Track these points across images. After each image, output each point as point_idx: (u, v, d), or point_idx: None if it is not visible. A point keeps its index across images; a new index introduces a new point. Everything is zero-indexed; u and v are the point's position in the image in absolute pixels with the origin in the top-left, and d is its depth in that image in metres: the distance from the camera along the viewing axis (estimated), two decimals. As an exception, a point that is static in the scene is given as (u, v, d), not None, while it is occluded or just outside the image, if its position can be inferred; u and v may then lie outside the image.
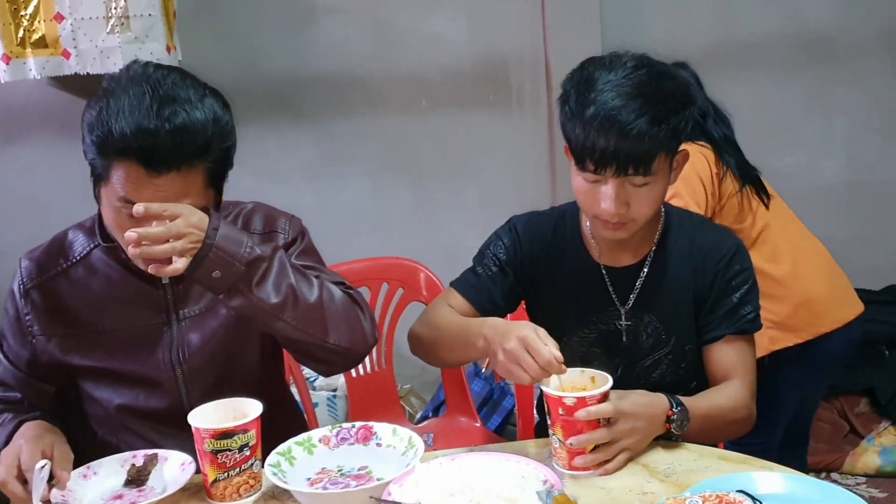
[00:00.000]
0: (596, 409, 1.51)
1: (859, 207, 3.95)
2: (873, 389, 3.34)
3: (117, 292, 1.73)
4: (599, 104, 1.61)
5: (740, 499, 1.31)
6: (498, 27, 3.57)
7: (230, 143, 1.62)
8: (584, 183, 1.69)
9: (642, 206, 1.68)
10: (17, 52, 2.93)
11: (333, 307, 1.68)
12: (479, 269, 1.90)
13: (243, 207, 1.85)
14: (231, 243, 1.53)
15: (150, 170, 1.50)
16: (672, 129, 1.63)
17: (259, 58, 3.46)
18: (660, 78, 1.67)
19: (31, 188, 3.37)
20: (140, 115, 1.48)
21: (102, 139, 1.50)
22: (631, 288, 1.82)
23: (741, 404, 1.72)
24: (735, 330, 1.76)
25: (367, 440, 1.65)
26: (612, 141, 1.60)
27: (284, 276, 1.61)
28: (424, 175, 3.67)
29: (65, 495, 1.52)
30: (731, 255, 1.78)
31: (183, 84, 1.56)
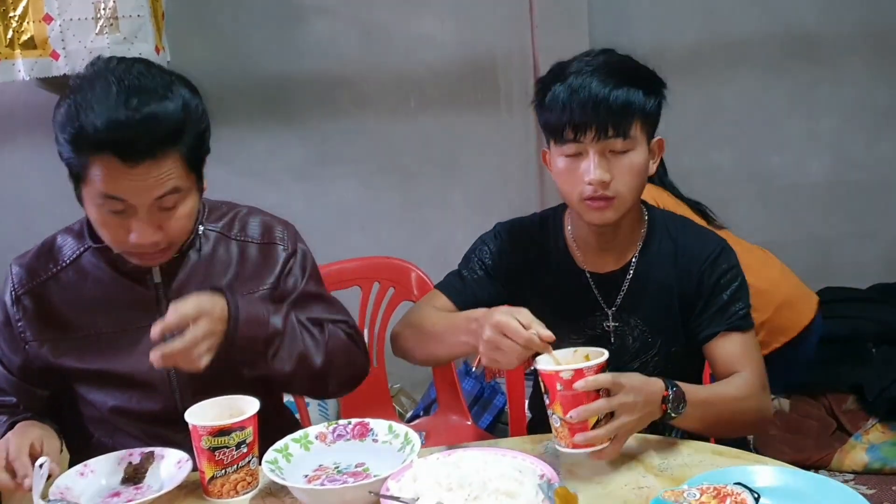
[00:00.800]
0: (594, 378, 1.49)
1: (845, 206, 3.98)
2: (861, 386, 3.35)
3: (108, 294, 1.73)
4: (571, 78, 1.68)
5: (738, 490, 1.32)
6: (486, 27, 3.57)
7: (203, 126, 1.63)
8: (566, 161, 1.71)
9: (625, 177, 1.70)
10: (5, 53, 2.92)
11: (337, 360, 1.76)
12: (465, 272, 1.91)
13: (239, 211, 1.86)
14: (253, 327, 1.62)
15: (126, 160, 1.50)
16: (644, 90, 1.69)
17: (247, 59, 3.46)
18: (629, 59, 1.75)
19: (18, 190, 3.35)
20: (109, 108, 1.48)
21: (75, 135, 1.50)
22: (616, 292, 1.84)
23: (747, 393, 1.70)
24: (728, 326, 1.76)
25: (364, 436, 1.65)
26: (589, 104, 1.64)
27: (296, 345, 1.70)
28: (413, 175, 3.68)
29: (63, 493, 1.52)
30: (715, 256, 1.80)
31: (148, 73, 1.57)
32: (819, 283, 3.81)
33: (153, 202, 1.56)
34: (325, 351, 1.74)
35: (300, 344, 1.71)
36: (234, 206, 1.87)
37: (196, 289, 1.73)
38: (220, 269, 1.78)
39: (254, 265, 1.80)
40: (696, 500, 1.32)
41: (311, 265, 1.87)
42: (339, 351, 1.78)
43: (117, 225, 1.58)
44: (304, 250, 1.86)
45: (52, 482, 1.52)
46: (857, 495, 1.36)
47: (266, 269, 1.81)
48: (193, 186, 1.64)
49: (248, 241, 1.82)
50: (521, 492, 1.40)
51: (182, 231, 1.65)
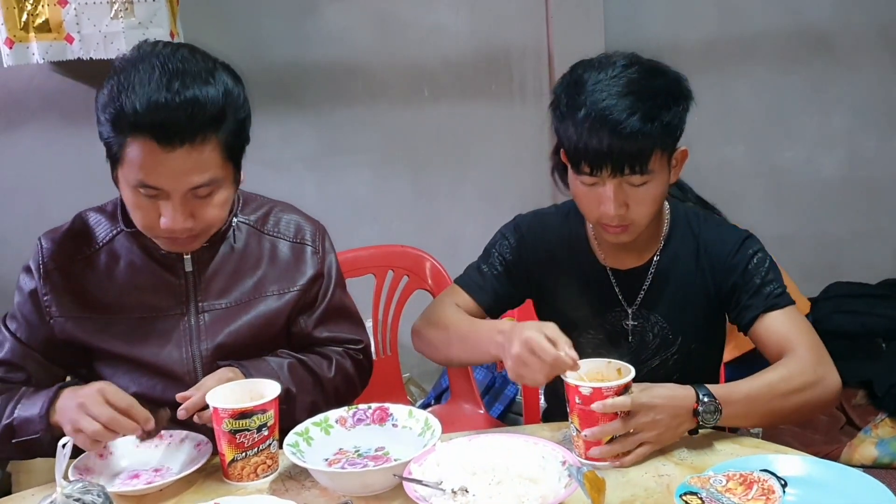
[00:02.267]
0: (612, 402, 1.49)
1: (857, 202, 3.98)
2: (870, 381, 3.36)
3: (138, 279, 1.72)
4: (590, 105, 1.60)
5: (765, 477, 1.32)
6: (501, 18, 3.57)
7: (244, 115, 1.62)
8: (582, 187, 1.67)
9: (642, 207, 1.67)
10: (20, 36, 2.92)
11: (341, 394, 1.81)
12: (485, 267, 1.89)
13: (274, 206, 1.87)
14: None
15: (164, 144, 1.49)
16: (665, 125, 1.61)
17: (261, 46, 3.45)
18: (650, 75, 1.65)
19: (30, 174, 3.35)
20: (151, 90, 1.48)
21: (115, 116, 1.50)
22: (638, 289, 1.82)
23: (796, 371, 1.61)
24: (766, 307, 1.71)
25: (384, 421, 1.65)
26: (606, 141, 1.58)
27: (306, 395, 1.73)
28: (425, 165, 3.67)
29: (83, 474, 1.52)
30: (738, 245, 1.77)
31: (192, 58, 1.56)
32: (829, 278, 3.82)
33: (188, 190, 1.56)
34: (333, 390, 1.79)
35: (311, 394, 1.74)
36: (270, 201, 1.87)
37: (226, 282, 1.75)
38: (251, 264, 1.78)
39: (285, 264, 1.80)
40: (722, 486, 1.32)
41: (337, 274, 1.88)
42: (343, 384, 1.82)
43: (149, 208, 1.57)
44: (332, 260, 1.87)
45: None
46: (879, 484, 1.37)
47: (297, 272, 1.81)
48: (230, 176, 1.63)
49: (280, 237, 1.82)
50: (543, 477, 1.41)
51: (215, 220, 1.64)
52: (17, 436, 1.59)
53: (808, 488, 1.37)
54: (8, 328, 1.74)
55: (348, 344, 1.87)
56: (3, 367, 1.72)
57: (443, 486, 1.38)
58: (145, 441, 1.60)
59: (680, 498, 1.29)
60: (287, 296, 1.79)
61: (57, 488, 1.32)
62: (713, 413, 1.54)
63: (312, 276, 1.82)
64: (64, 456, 1.33)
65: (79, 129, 3.16)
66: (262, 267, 1.78)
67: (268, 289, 1.78)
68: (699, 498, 1.29)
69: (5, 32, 2.90)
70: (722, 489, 1.31)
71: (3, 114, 3.29)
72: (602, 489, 1.26)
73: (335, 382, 1.79)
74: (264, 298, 1.77)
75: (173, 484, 1.53)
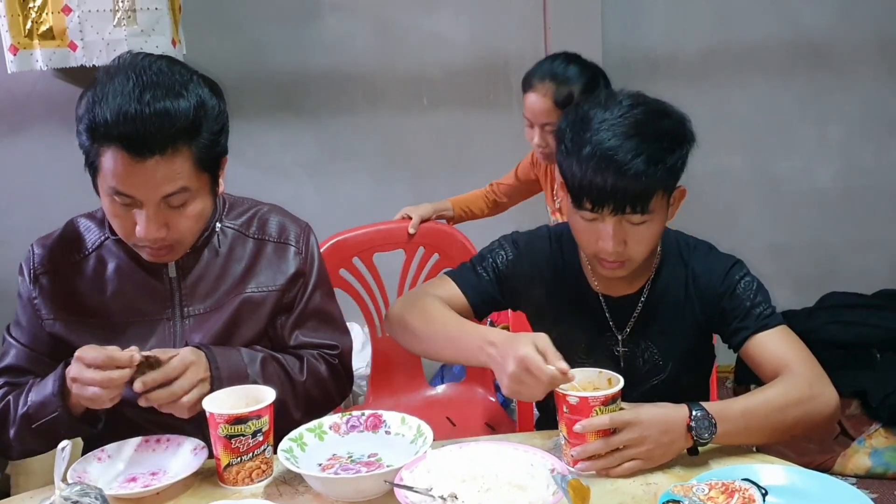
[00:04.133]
0: (589, 422, 1.51)
1: (853, 212, 4.00)
2: (864, 392, 3.37)
3: (125, 283, 1.74)
4: (595, 143, 1.61)
5: (745, 486, 1.35)
6: (499, 27, 3.60)
7: (219, 127, 1.63)
8: (582, 221, 1.68)
9: (640, 245, 1.68)
10: (24, 43, 2.96)
11: (312, 399, 1.79)
12: (480, 269, 1.89)
13: (260, 209, 1.87)
14: (234, 381, 1.65)
15: (134, 154, 1.52)
16: (668, 167, 1.63)
17: (262, 53, 3.49)
18: (656, 116, 1.66)
19: (33, 179, 3.38)
20: (122, 100, 1.50)
21: (89, 125, 1.53)
22: (629, 316, 1.82)
23: (791, 386, 1.61)
24: (757, 327, 1.72)
25: (377, 428, 1.67)
26: (609, 180, 1.59)
27: (276, 392, 1.68)
28: (424, 172, 3.70)
29: (81, 477, 1.54)
30: (726, 272, 1.77)
31: (169, 70, 1.58)
32: (825, 288, 3.84)
33: (160, 199, 1.58)
34: (303, 393, 1.77)
35: (279, 392, 1.70)
36: (256, 204, 1.88)
37: (210, 286, 1.77)
38: (235, 268, 1.79)
39: (267, 263, 1.81)
40: (704, 494, 1.34)
41: (318, 276, 1.87)
42: (316, 388, 1.80)
43: (125, 216, 1.60)
44: (315, 261, 1.87)
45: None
46: (862, 495, 1.38)
47: (278, 271, 1.82)
48: (205, 187, 1.65)
49: (266, 239, 1.83)
50: (532, 485, 1.43)
51: (189, 231, 1.66)
52: (34, 420, 1.61)
53: (790, 497, 1.40)
54: (12, 335, 1.78)
55: (324, 349, 1.86)
56: (12, 372, 1.75)
57: (433, 493, 1.40)
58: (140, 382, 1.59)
59: (663, 506, 1.32)
60: (266, 294, 1.79)
61: (55, 491, 1.34)
62: (707, 428, 1.54)
63: (293, 275, 1.82)
64: (62, 459, 1.35)
65: (81, 134, 3.19)
66: (245, 269, 1.79)
67: (247, 286, 1.78)
68: (682, 506, 1.31)
69: (10, 39, 2.95)
70: (704, 497, 1.34)
71: (7, 119, 3.34)
72: (587, 498, 1.28)
73: (306, 385, 1.78)
74: (244, 296, 1.77)
75: (170, 487, 1.55)
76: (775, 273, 3.54)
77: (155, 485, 1.55)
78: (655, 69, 3.67)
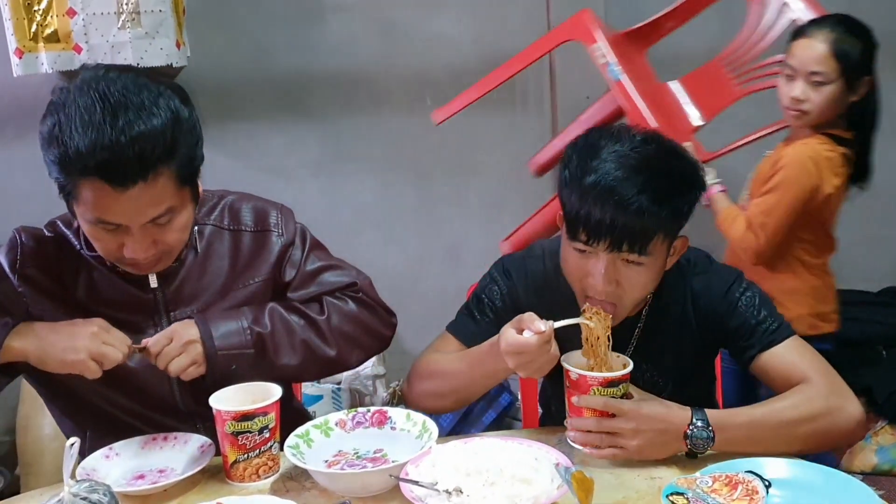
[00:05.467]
0: (585, 399, 1.55)
1: (858, 210, 3.97)
2: (870, 389, 3.37)
3: (109, 295, 1.70)
4: (601, 173, 1.54)
5: (749, 478, 1.35)
6: (503, 26, 3.60)
7: (195, 139, 1.57)
8: (574, 253, 1.62)
9: (633, 289, 1.62)
10: (29, 46, 2.97)
11: (348, 332, 1.76)
12: (478, 314, 1.83)
13: (226, 199, 1.82)
14: (229, 336, 1.64)
15: (116, 185, 1.45)
16: (674, 210, 1.57)
17: (266, 55, 3.50)
18: (668, 155, 1.60)
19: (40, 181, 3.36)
20: (94, 130, 1.42)
21: (61, 158, 1.45)
22: (628, 340, 1.77)
23: (805, 399, 1.57)
24: (764, 344, 1.67)
25: (382, 424, 1.68)
26: (609, 213, 1.52)
27: (293, 334, 1.70)
28: (428, 173, 3.71)
29: (90, 474, 1.56)
30: (727, 288, 1.72)
31: (135, 88, 1.50)
32: (830, 285, 3.83)
33: (147, 222, 1.53)
34: (330, 330, 1.73)
35: (298, 333, 1.70)
36: (224, 195, 1.83)
37: (193, 287, 1.73)
38: (216, 265, 1.76)
39: (248, 255, 1.78)
40: (708, 487, 1.35)
41: (309, 242, 1.84)
42: (347, 324, 1.76)
43: (110, 240, 1.56)
44: (298, 232, 1.83)
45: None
46: (866, 488, 1.39)
47: (260, 259, 1.78)
48: (188, 199, 1.60)
49: (242, 230, 1.79)
50: (536, 478, 1.44)
51: (177, 242, 1.63)
52: None
53: (793, 490, 1.40)
54: None
55: (344, 290, 1.80)
56: None
57: (438, 487, 1.41)
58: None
59: (666, 498, 1.33)
60: (253, 287, 1.77)
61: (64, 487, 1.35)
62: (705, 441, 1.53)
63: (278, 256, 1.79)
64: (71, 456, 1.36)
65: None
66: (227, 264, 1.76)
67: (235, 284, 1.75)
68: (685, 498, 1.32)
69: (15, 42, 2.95)
70: (707, 490, 1.34)
71: (13, 122, 3.35)
72: (590, 490, 1.29)
73: (331, 323, 1.74)
74: (232, 294, 1.75)
75: (177, 484, 1.56)
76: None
77: (162, 482, 1.56)
78: (660, 68, 3.65)
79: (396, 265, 3.70)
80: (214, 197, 1.82)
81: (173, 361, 1.60)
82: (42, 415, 3.08)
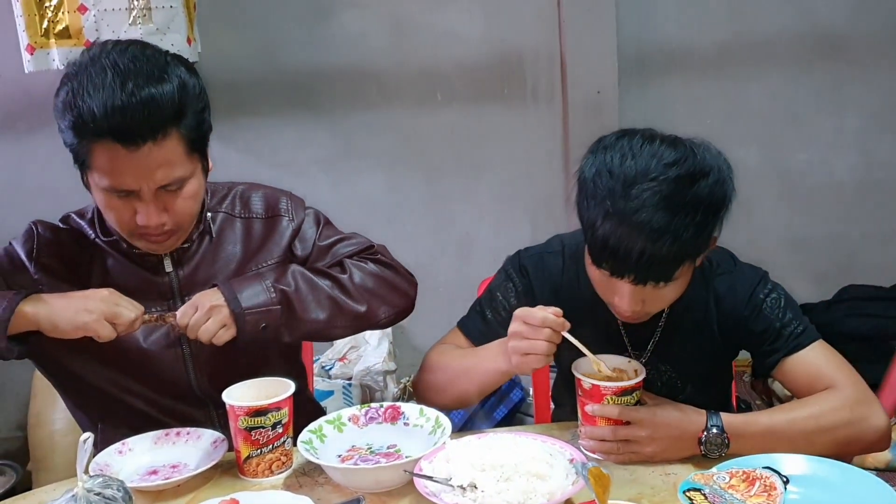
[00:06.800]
0: (600, 408, 1.54)
1: (871, 205, 3.97)
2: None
3: (124, 282, 1.71)
4: (622, 212, 1.46)
5: (767, 474, 1.34)
6: (513, 22, 3.59)
7: (202, 105, 1.63)
8: (598, 274, 1.58)
9: (659, 304, 1.61)
10: (41, 42, 2.97)
11: (372, 289, 1.77)
12: (489, 313, 1.81)
13: (236, 188, 1.86)
14: (254, 296, 1.64)
15: (127, 145, 1.51)
16: (700, 239, 1.51)
17: (277, 50, 3.50)
18: (692, 179, 1.48)
19: (52, 177, 3.38)
20: (106, 94, 1.49)
21: (75, 122, 1.51)
22: (647, 340, 1.76)
23: (828, 408, 1.54)
24: (789, 349, 1.64)
25: (395, 419, 1.68)
26: (634, 255, 1.47)
27: (318, 290, 1.71)
28: (438, 168, 3.70)
29: (103, 469, 1.56)
30: (751, 291, 1.69)
31: (143, 56, 1.57)
32: (843, 281, 3.82)
33: (158, 187, 1.57)
34: (355, 288, 1.75)
35: (324, 289, 1.72)
36: (233, 185, 1.88)
37: (207, 272, 1.76)
38: (229, 249, 1.79)
39: (259, 240, 1.81)
40: (725, 483, 1.34)
41: (320, 222, 1.87)
42: (372, 281, 1.78)
43: (122, 207, 1.60)
44: (309, 215, 1.87)
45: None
46: (884, 484, 1.38)
47: (272, 242, 1.82)
48: (197, 167, 1.65)
49: (253, 217, 1.83)
50: (551, 474, 1.44)
51: (188, 213, 1.66)
52: None
53: (811, 487, 1.39)
54: None
55: (361, 254, 1.84)
56: None
57: (452, 483, 1.41)
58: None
59: (683, 494, 1.32)
60: (266, 267, 1.79)
61: (78, 482, 1.35)
62: (719, 446, 1.52)
63: (290, 239, 1.83)
64: (84, 451, 1.36)
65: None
66: (239, 249, 1.80)
67: (247, 268, 1.78)
68: (702, 494, 1.31)
69: (27, 39, 2.96)
70: (725, 485, 1.34)
71: (25, 118, 3.36)
72: (607, 486, 1.28)
73: (354, 280, 1.76)
74: None
75: (190, 480, 1.56)
76: (792, 267, 3.54)
77: (175, 477, 1.56)
78: (670, 63, 3.66)
79: (407, 260, 3.66)
80: (224, 187, 1.86)
81: (202, 328, 1.60)
82: (53, 410, 3.09)
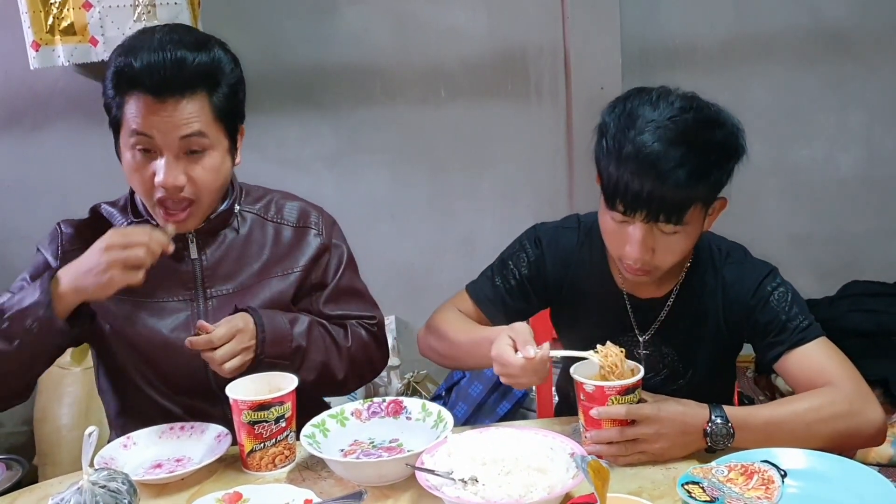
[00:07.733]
0: (605, 410, 1.52)
1: (874, 200, 3.96)
2: (886, 380, 3.35)
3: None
4: (638, 144, 1.53)
5: (765, 468, 1.35)
6: (517, 18, 3.59)
7: (235, 80, 1.72)
8: (612, 222, 1.62)
9: (668, 255, 1.63)
10: (46, 39, 2.99)
11: (357, 362, 1.87)
12: (498, 280, 1.86)
13: (274, 195, 1.92)
14: (277, 344, 1.72)
15: (156, 96, 1.61)
16: (712, 181, 1.56)
17: (281, 47, 3.50)
18: (707, 125, 1.57)
19: (56, 173, 3.42)
20: (146, 52, 1.62)
21: (115, 72, 1.65)
22: (653, 319, 1.78)
23: (827, 401, 1.55)
24: (793, 342, 1.65)
25: (398, 414, 1.69)
26: (647, 186, 1.52)
27: (318, 355, 1.78)
28: (442, 165, 3.71)
29: (108, 463, 1.57)
30: (759, 282, 1.71)
31: (188, 32, 1.72)
32: (847, 277, 3.81)
33: (179, 143, 1.64)
34: (347, 357, 1.84)
35: (323, 354, 1.80)
36: (270, 191, 1.93)
37: (231, 266, 1.80)
38: (255, 249, 1.83)
39: (287, 246, 1.86)
40: (724, 476, 1.35)
41: (346, 257, 1.92)
42: (360, 352, 1.87)
43: (145, 168, 1.66)
44: (338, 244, 1.93)
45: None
46: (881, 478, 1.39)
47: (298, 251, 1.86)
48: (223, 141, 1.71)
49: (284, 223, 1.88)
50: (551, 468, 1.45)
51: (207, 186, 1.70)
52: (13, 321, 1.60)
53: (809, 480, 1.40)
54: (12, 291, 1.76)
55: (363, 319, 1.92)
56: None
57: (453, 476, 1.42)
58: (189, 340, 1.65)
59: (682, 487, 1.32)
60: (291, 276, 1.84)
61: (83, 476, 1.37)
62: (724, 437, 1.52)
63: (315, 254, 1.87)
64: (89, 444, 1.37)
65: (102, 129, 3.17)
66: (267, 251, 1.84)
67: (272, 271, 1.83)
68: (701, 487, 1.32)
69: (32, 36, 2.98)
70: (723, 479, 1.34)
71: (30, 115, 3.37)
72: (606, 479, 1.28)
73: (351, 350, 1.85)
74: (269, 281, 1.82)
75: (194, 473, 1.58)
76: (796, 262, 3.53)
77: (180, 471, 1.57)
78: (674, 59, 3.66)
79: (410, 257, 3.71)
80: (260, 190, 1.93)
81: (227, 365, 1.64)
82: (59, 405, 3.11)
